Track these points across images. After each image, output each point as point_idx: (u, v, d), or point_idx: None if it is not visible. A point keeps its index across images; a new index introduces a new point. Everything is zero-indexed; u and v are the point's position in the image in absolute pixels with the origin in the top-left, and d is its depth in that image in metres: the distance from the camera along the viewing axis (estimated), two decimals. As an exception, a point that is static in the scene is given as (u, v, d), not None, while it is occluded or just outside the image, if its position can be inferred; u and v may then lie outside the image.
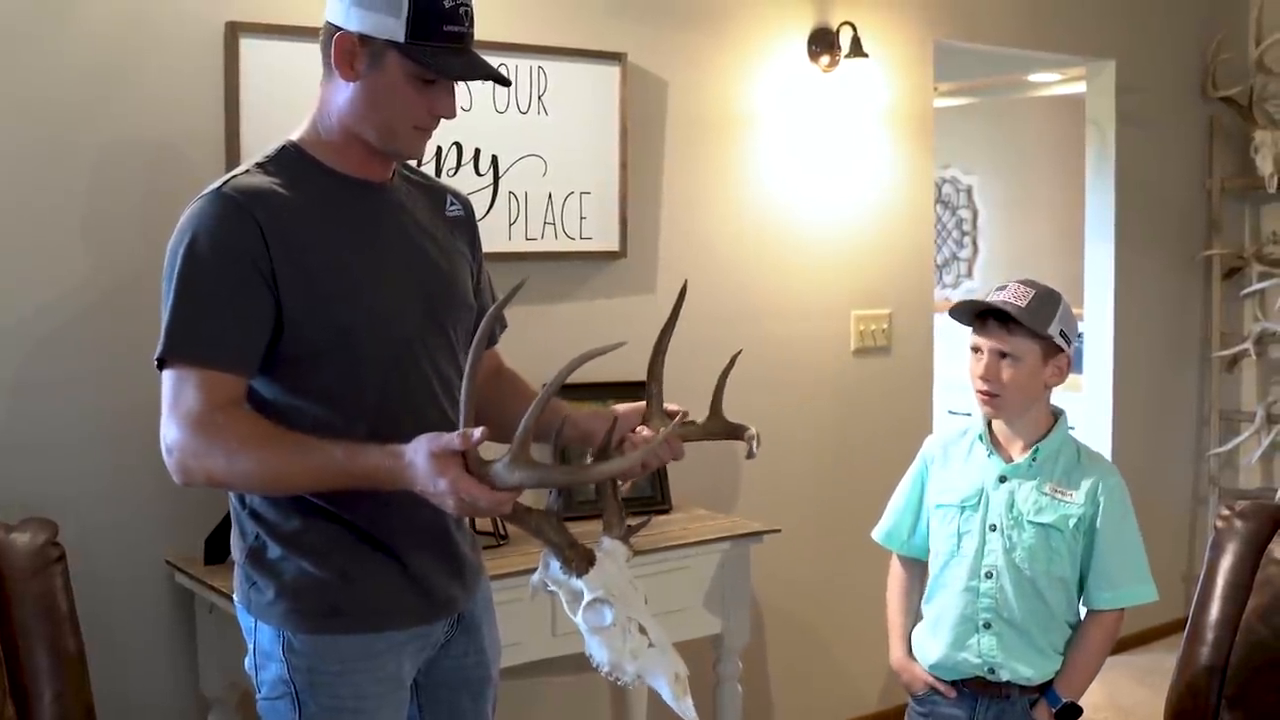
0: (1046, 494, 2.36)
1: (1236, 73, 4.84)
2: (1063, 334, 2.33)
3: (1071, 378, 5.57)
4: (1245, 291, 4.94)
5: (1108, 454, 4.71)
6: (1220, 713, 2.59)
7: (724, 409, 1.98)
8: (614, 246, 3.29)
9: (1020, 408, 2.38)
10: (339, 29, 1.80)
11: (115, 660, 2.64)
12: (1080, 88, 4.87)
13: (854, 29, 3.62)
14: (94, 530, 2.62)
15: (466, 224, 2.07)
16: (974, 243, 6.41)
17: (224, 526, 2.64)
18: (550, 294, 3.22)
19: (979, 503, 2.40)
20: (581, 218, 3.23)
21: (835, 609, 3.85)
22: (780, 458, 3.72)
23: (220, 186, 1.80)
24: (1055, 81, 5.73)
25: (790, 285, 3.70)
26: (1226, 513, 2.71)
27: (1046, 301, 2.33)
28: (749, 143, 3.59)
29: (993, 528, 2.37)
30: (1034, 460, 2.38)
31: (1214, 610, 2.64)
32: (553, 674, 3.23)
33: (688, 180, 3.48)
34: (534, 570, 2.41)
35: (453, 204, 2.05)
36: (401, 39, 1.77)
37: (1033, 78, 5.78)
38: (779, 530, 3.14)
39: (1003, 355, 2.34)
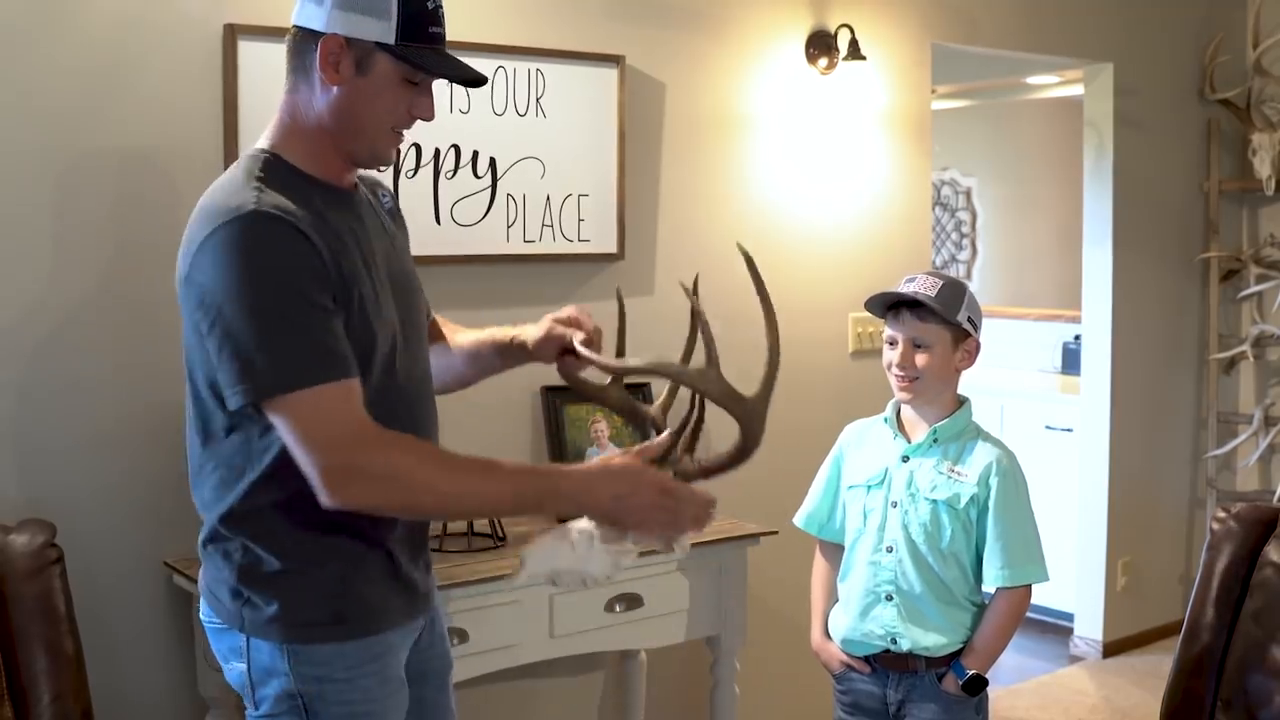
0: (943, 473, 2.47)
1: (1234, 75, 4.85)
2: (970, 320, 2.46)
3: (1069, 379, 5.60)
4: (1243, 294, 4.94)
5: (1105, 456, 4.73)
6: (1215, 714, 2.59)
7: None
8: (612, 248, 3.30)
9: (936, 391, 2.49)
10: (320, 33, 1.78)
11: (113, 662, 2.65)
12: (1078, 90, 4.88)
13: (852, 31, 3.63)
14: (92, 532, 2.62)
15: (399, 214, 2.08)
16: (973, 245, 6.42)
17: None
18: (548, 296, 3.22)
19: (883, 481, 2.52)
20: (579, 220, 3.23)
21: (833, 611, 3.85)
22: (778, 459, 3.71)
23: (257, 208, 1.71)
24: (1053, 84, 5.74)
25: (788, 287, 3.69)
26: (1222, 515, 2.72)
27: (954, 290, 2.46)
28: (747, 145, 3.59)
29: (894, 504, 2.49)
30: (934, 441, 2.50)
31: (1209, 612, 2.65)
32: (551, 675, 3.23)
33: (686, 182, 3.48)
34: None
35: (385, 196, 2.05)
36: (392, 40, 1.77)
37: (1031, 80, 5.78)
38: (776, 532, 3.15)
39: (917, 345, 2.46)
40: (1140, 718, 4.15)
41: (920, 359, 2.45)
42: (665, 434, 1.90)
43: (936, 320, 2.44)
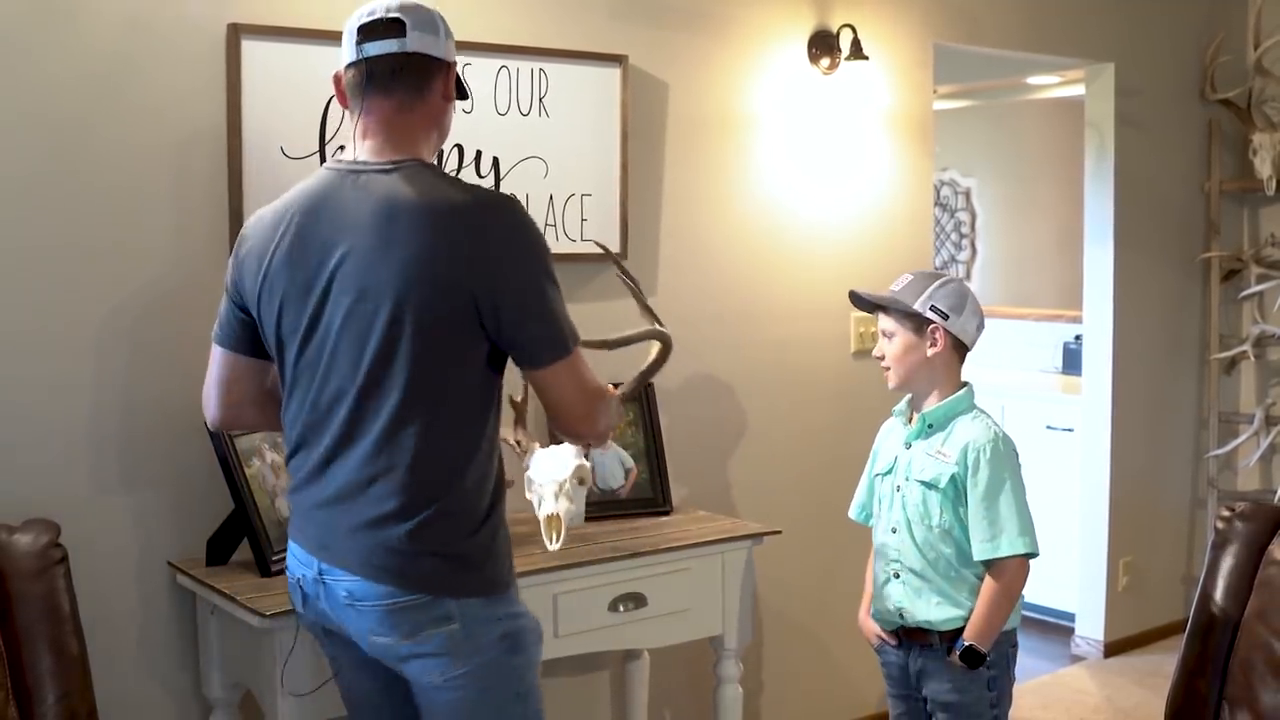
0: (931, 455, 2.64)
1: (1235, 75, 4.85)
2: (934, 308, 2.61)
3: (1070, 379, 5.60)
4: (1243, 294, 4.95)
5: (1106, 455, 4.73)
6: (1220, 714, 2.59)
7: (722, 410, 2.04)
8: (614, 248, 3.29)
9: (920, 379, 2.66)
10: (438, 59, 2.07)
11: (117, 661, 2.64)
12: (1079, 90, 4.88)
13: (854, 31, 3.63)
14: (96, 531, 2.62)
15: None
16: (972, 245, 6.42)
17: (226, 528, 2.65)
18: (551, 296, 3.22)
19: (892, 469, 2.72)
20: (582, 219, 3.24)
21: (835, 610, 3.85)
22: (780, 459, 3.73)
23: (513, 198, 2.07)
24: (1054, 84, 5.74)
25: (790, 287, 3.70)
26: (1227, 513, 2.72)
27: (918, 281, 2.66)
28: (749, 145, 3.60)
29: (898, 489, 2.69)
30: (928, 426, 2.67)
31: (1214, 611, 2.65)
32: (554, 675, 3.23)
33: (688, 182, 3.48)
34: (531, 573, 2.58)
35: None
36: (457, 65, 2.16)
37: (1032, 80, 5.79)
38: (779, 531, 3.15)
39: (886, 335, 2.69)
40: (1142, 717, 4.15)
41: (888, 348, 2.67)
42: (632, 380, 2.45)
43: (895, 311, 2.64)
